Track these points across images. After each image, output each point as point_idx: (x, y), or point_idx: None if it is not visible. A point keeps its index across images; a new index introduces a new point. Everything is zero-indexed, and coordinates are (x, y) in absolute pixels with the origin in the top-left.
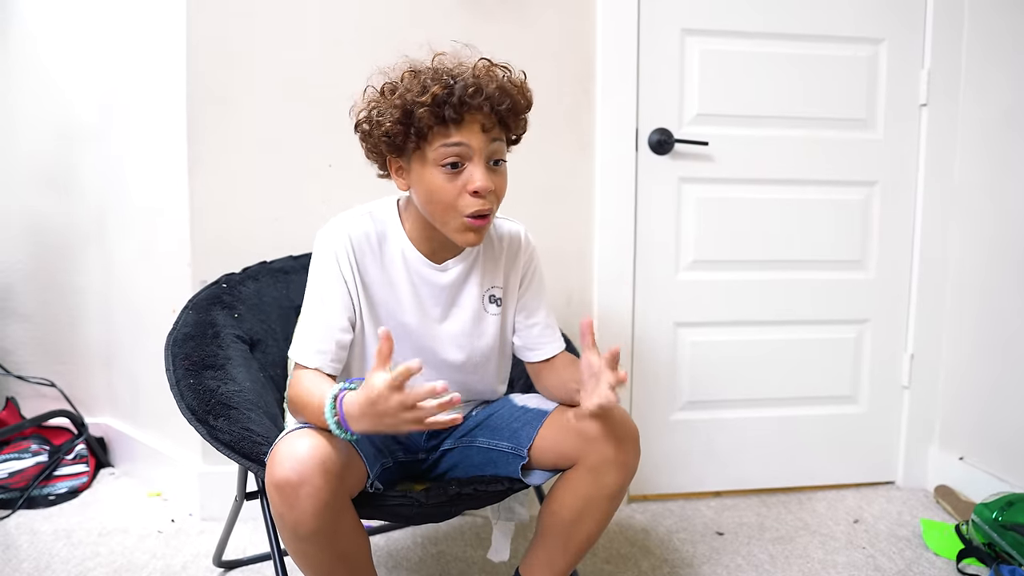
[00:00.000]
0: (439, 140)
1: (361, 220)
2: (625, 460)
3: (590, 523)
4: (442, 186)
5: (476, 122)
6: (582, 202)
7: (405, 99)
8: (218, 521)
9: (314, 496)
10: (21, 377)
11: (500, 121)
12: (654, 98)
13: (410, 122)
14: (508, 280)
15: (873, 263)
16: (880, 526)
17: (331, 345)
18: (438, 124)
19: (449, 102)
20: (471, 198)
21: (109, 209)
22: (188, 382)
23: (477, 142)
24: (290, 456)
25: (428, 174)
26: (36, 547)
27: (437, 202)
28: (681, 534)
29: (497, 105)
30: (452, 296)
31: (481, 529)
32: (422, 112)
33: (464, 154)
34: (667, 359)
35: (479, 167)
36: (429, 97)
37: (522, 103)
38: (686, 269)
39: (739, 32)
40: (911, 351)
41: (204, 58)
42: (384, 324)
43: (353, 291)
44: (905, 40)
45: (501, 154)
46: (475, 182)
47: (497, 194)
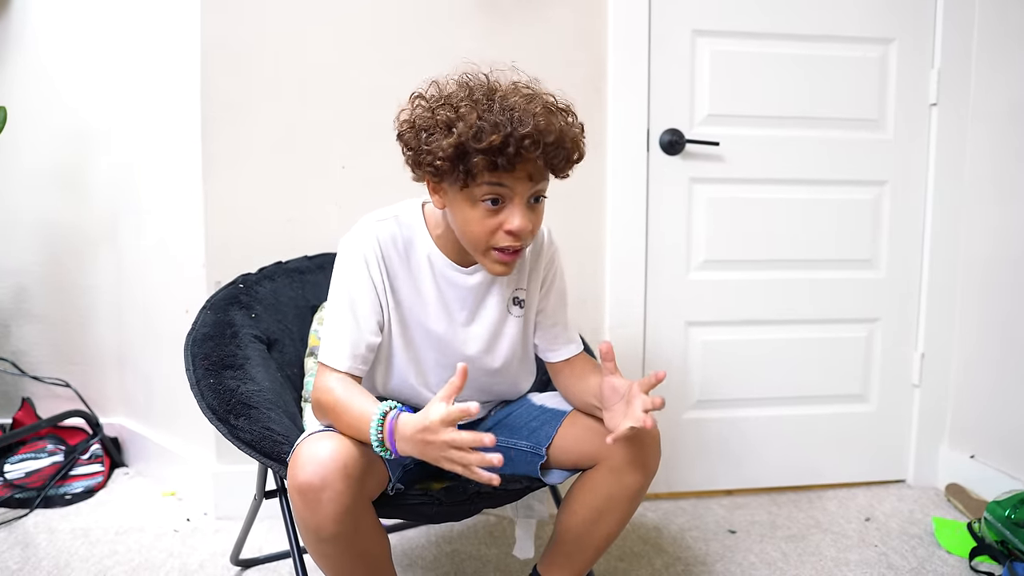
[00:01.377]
0: (484, 177)
1: (388, 224)
2: (646, 461)
3: (610, 523)
4: (480, 220)
5: (526, 170)
6: (593, 202)
7: (460, 139)
8: (233, 520)
9: (335, 500)
10: (36, 378)
11: (549, 168)
12: (665, 99)
13: (461, 162)
14: (531, 281)
15: (883, 262)
16: (892, 524)
17: (362, 349)
18: (489, 171)
19: (505, 153)
20: (506, 236)
21: (122, 211)
22: (208, 382)
23: (522, 187)
24: (312, 460)
25: (466, 207)
26: (55, 546)
27: (471, 234)
28: (694, 532)
29: (552, 159)
30: (478, 299)
31: (495, 527)
32: (476, 160)
33: (507, 195)
34: (678, 358)
35: (519, 208)
36: (486, 145)
37: (575, 156)
38: (697, 269)
39: (750, 33)
40: (921, 350)
41: (218, 60)
42: (411, 328)
43: (382, 295)
44: (915, 40)
45: (542, 192)
46: (512, 224)
47: (533, 231)
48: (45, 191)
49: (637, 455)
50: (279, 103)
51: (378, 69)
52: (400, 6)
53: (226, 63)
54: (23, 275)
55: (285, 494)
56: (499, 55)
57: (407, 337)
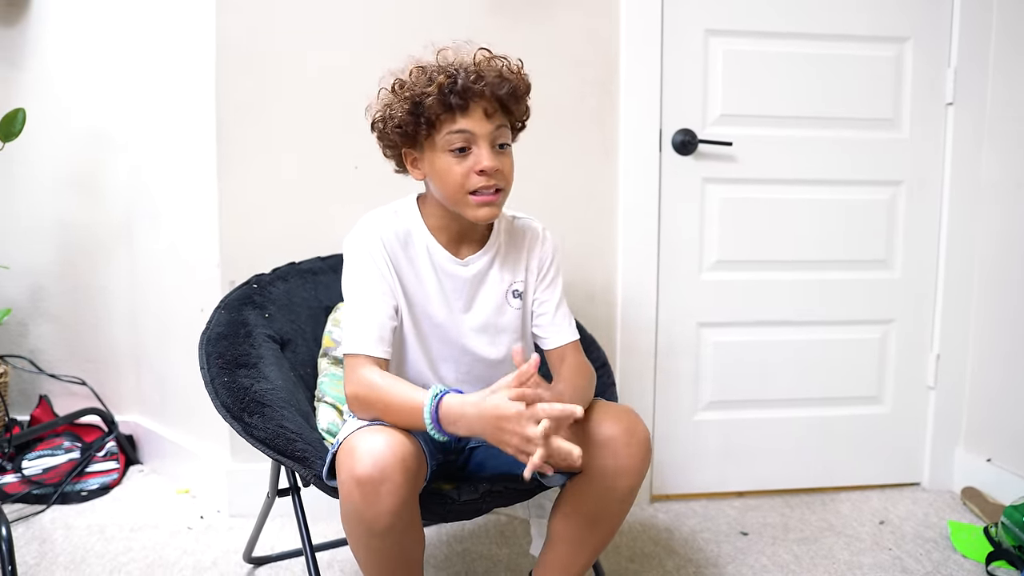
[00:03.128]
0: (446, 127)
1: (387, 219)
2: (634, 465)
3: (602, 529)
4: (451, 169)
5: (480, 108)
6: (606, 203)
7: (414, 91)
8: (246, 518)
9: (394, 493)
10: (53, 376)
11: (502, 107)
12: (678, 99)
13: (420, 112)
14: (528, 274)
15: (898, 263)
16: (906, 528)
17: (387, 332)
18: (445, 112)
19: (454, 90)
20: (478, 177)
21: (137, 212)
22: (222, 380)
23: (481, 128)
24: (370, 452)
25: (439, 160)
26: (71, 541)
27: (449, 184)
28: (705, 534)
29: (497, 90)
30: (474, 289)
31: (506, 527)
32: (430, 101)
33: (470, 139)
34: (690, 359)
35: (485, 149)
36: (435, 87)
37: (521, 87)
38: (709, 269)
39: (763, 32)
40: (937, 351)
41: (233, 62)
42: (419, 320)
43: (393, 285)
44: (931, 38)
45: (505, 138)
46: (482, 162)
47: (504, 174)
48: (62, 193)
49: (624, 459)
50: (293, 104)
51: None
52: (412, 5)
53: (240, 65)
54: (41, 275)
55: (298, 492)
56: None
57: (418, 329)
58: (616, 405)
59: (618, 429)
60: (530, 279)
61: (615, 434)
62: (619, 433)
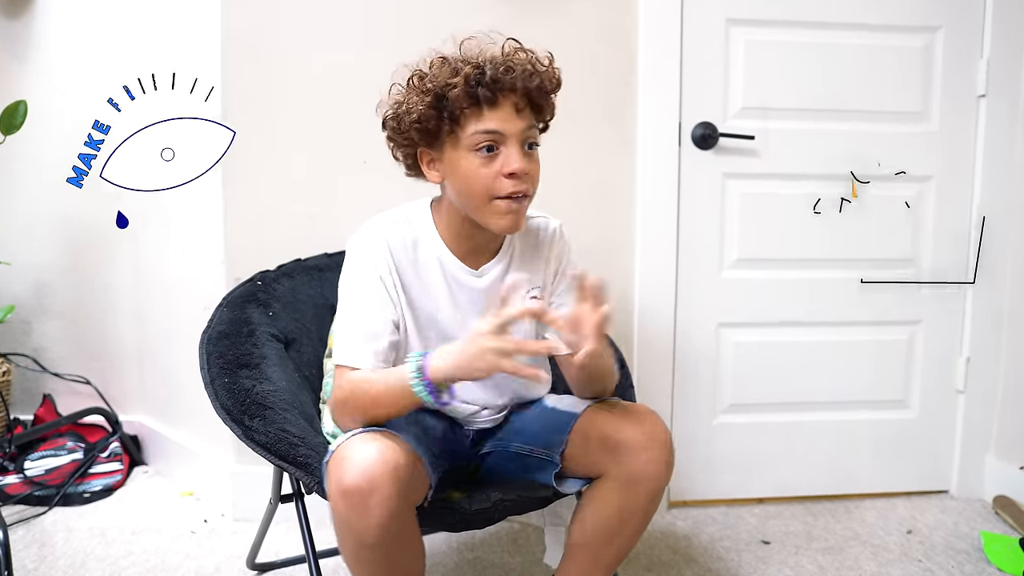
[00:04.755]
0: (473, 124)
1: (396, 225)
2: (656, 471)
3: (623, 537)
4: (477, 171)
5: (510, 103)
6: (623, 199)
7: (436, 83)
8: (250, 522)
9: (384, 505)
10: (57, 374)
11: (531, 103)
12: (698, 91)
13: (443, 106)
14: (544, 277)
15: (926, 261)
16: (935, 538)
17: (383, 346)
18: (472, 106)
19: (482, 82)
20: (507, 180)
21: (142, 207)
22: (223, 381)
23: (512, 125)
24: (359, 461)
25: (462, 160)
26: (71, 544)
27: (472, 188)
28: (725, 542)
29: (528, 83)
30: (489, 301)
31: (519, 535)
32: (455, 93)
33: (499, 139)
34: (709, 361)
35: (515, 150)
36: (462, 78)
37: (552, 82)
38: (730, 267)
39: (786, 21)
40: (967, 354)
41: (239, 55)
42: (425, 330)
43: (394, 295)
44: (963, 28)
45: (534, 138)
46: (512, 164)
47: (532, 177)
48: (65, 187)
49: (646, 466)
50: (300, 98)
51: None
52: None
53: (247, 58)
54: (44, 271)
55: (302, 498)
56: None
57: (424, 339)
58: (636, 406)
59: (639, 432)
60: (546, 282)
61: (636, 437)
62: (640, 436)
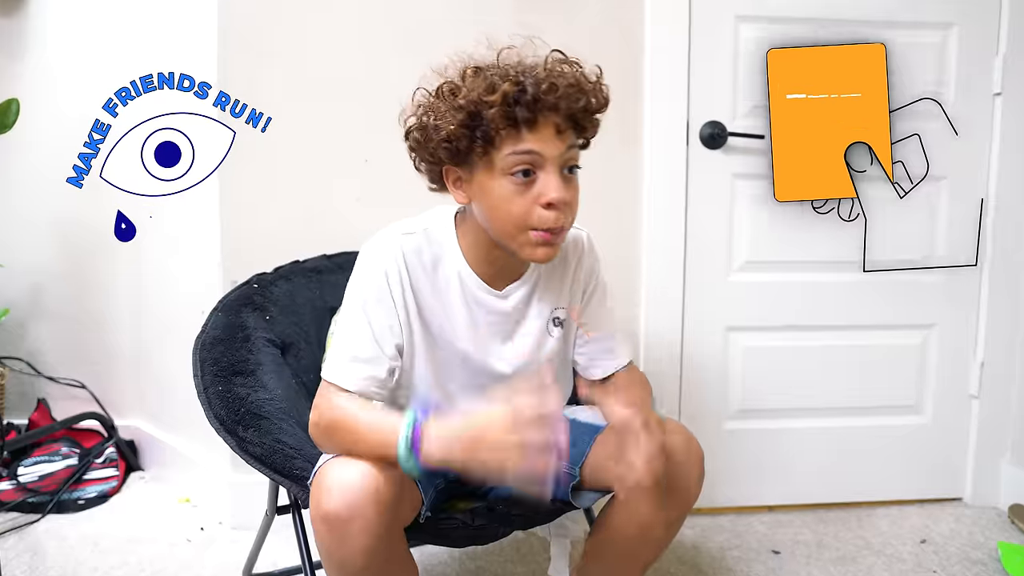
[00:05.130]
0: (509, 146)
1: (416, 238)
2: (688, 486)
3: (646, 552)
4: (511, 198)
5: (550, 124)
6: (629, 199)
7: (470, 99)
8: (248, 530)
9: (366, 531)
10: (52, 378)
11: (575, 123)
12: (706, 89)
13: (476, 124)
14: (571, 296)
15: (939, 261)
16: (951, 547)
17: (379, 371)
18: (509, 127)
19: (522, 101)
20: (545, 211)
21: (138, 208)
22: (217, 389)
23: (552, 148)
24: (339, 485)
25: (495, 185)
26: (63, 553)
27: (505, 216)
28: (734, 552)
29: (573, 104)
30: (514, 323)
31: (522, 544)
32: (492, 113)
33: (537, 162)
34: (718, 365)
35: (554, 176)
36: (499, 96)
37: (599, 101)
38: (739, 270)
39: (797, 18)
40: (981, 358)
41: (235, 51)
42: (439, 349)
43: (403, 315)
44: (978, 25)
45: (576, 161)
46: (550, 193)
47: (571, 207)
48: (61, 188)
49: (679, 479)
50: (299, 95)
51: (402, 57)
52: None
53: (244, 54)
54: (39, 274)
55: (299, 509)
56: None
57: (435, 359)
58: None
59: (672, 446)
60: (574, 300)
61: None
62: (673, 450)
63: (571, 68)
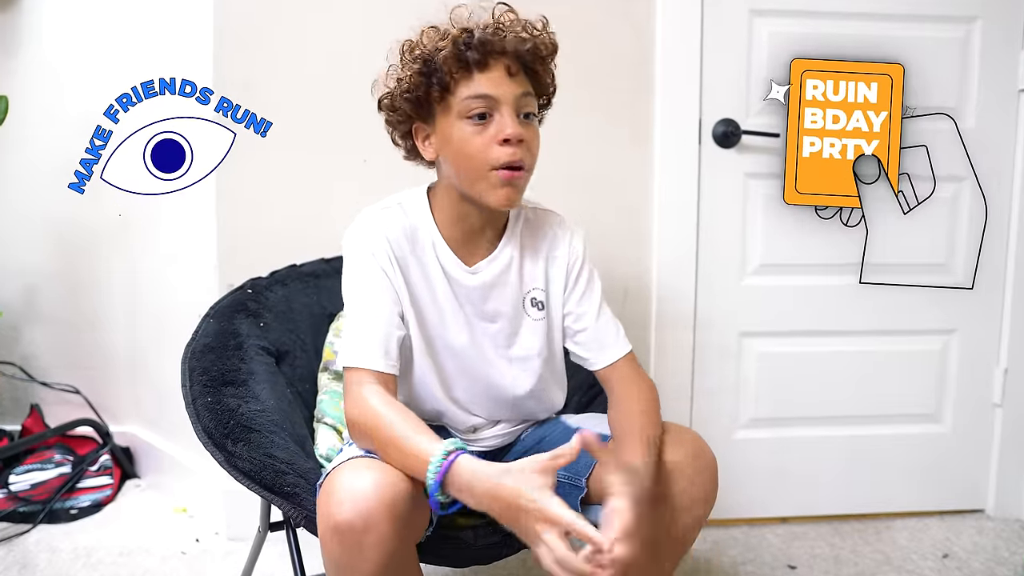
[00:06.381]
0: (464, 89)
1: (392, 213)
2: (704, 497)
3: (659, 568)
4: (470, 139)
5: (501, 66)
6: (639, 199)
7: (425, 50)
8: (245, 541)
9: (380, 546)
10: (45, 383)
11: (525, 69)
12: (719, 86)
13: (432, 70)
14: (550, 281)
15: (961, 267)
16: (974, 563)
17: (392, 343)
18: (461, 69)
19: (471, 44)
20: (501, 148)
21: (134, 207)
22: (205, 400)
23: (504, 90)
24: (353, 495)
25: (455, 129)
26: (54, 567)
27: (466, 159)
28: (748, 566)
29: (520, 47)
30: (483, 299)
31: (526, 554)
32: (443, 56)
33: (492, 104)
34: (731, 372)
35: (508, 116)
36: (449, 41)
37: (547, 44)
38: (753, 273)
39: (813, 12)
40: (1004, 365)
41: (231, 50)
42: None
43: (398, 286)
44: (1003, 18)
45: (531, 107)
46: (505, 129)
47: (530, 148)
48: (55, 187)
49: (691, 490)
50: (296, 94)
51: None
52: None
53: (240, 52)
54: (32, 275)
55: (292, 527)
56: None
57: (426, 335)
58: (676, 426)
59: (682, 454)
60: (555, 287)
61: (679, 460)
62: (683, 459)
63: (517, 16)
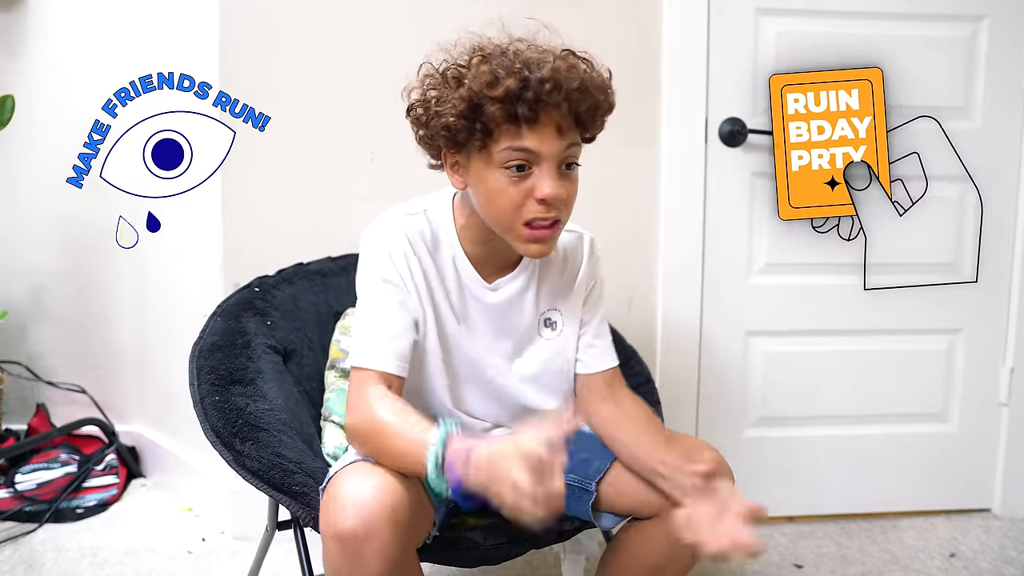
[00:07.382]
0: (507, 140)
1: (417, 220)
2: None
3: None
4: (505, 190)
5: (551, 123)
6: (645, 199)
7: (473, 91)
8: (251, 541)
9: (382, 553)
10: (52, 383)
11: (578, 122)
12: (725, 85)
13: (476, 117)
14: (570, 299)
15: (968, 266)
16: (982, 562)
17: (405, 346)
18: (508, 123)
19: (523, 98)
20: (537, 206)
21: (141, 207)
22: (213, 399)
23: (550, 147)
24: (354, 502)
25: (490, 176)
26: (60, 566)
27: (498, 208)
28: (755, 565)
29: (577, 106)
30: (499, 318)
31: (534, 556)
32: (492, 110)
33: (532, 159)
34: (737, 371)
35: (549, 173)
36: (501, 91)
37: (605, 105)
38: (759, 272)
39: (819, 11)
40: (1011, 364)
41: (238, 46)
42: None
43: (414, 291)
44: (1009, 16)
45: (575, 157)
46: (543, 190)
47: (567, 202)
48: (62, 187)
49: None
50: (303, 91)
51: (410, 51)
52: None
53: (246, 49)
54: (39, 275)
55: (300, 526)
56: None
57: (444, 343)
58: (689, 437)
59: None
60: (573, 305)
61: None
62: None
63: (579, 67)
